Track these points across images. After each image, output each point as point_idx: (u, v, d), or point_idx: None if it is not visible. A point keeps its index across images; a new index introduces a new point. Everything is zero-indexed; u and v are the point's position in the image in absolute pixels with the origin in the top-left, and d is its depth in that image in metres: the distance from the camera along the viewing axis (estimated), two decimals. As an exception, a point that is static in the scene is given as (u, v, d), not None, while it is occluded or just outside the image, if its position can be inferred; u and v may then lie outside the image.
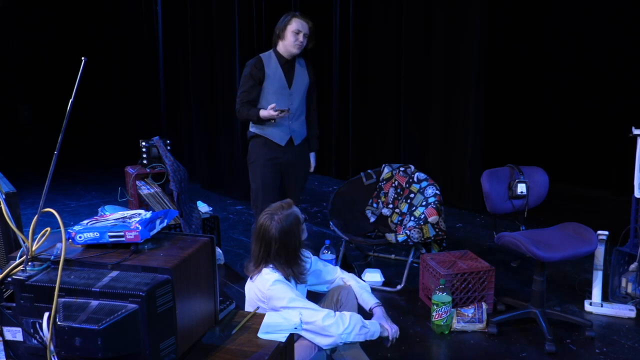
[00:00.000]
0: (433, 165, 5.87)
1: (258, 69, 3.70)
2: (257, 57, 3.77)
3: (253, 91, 3.71)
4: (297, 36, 3.64)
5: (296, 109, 3.77)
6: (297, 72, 3.77)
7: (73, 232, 1.73)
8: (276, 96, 3.69)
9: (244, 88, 3.73)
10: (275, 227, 2.45)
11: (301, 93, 3.79)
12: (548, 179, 3.53)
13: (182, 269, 1.65)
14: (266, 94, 3.71)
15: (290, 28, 3.65)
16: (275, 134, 3.75)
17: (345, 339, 2.38)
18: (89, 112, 9.27)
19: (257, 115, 3.65)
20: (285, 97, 3.72)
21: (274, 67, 3.71)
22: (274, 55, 3.75)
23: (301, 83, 3.79)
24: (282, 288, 2.40)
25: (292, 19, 3.66)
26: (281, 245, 2.46)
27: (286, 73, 3.73)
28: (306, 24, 3.67)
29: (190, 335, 1.75)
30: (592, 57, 5.84)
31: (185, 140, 7.43)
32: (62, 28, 10.46)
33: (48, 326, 1.52)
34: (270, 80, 3.70)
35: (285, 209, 2.52)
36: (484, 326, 3.35)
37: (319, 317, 2.36)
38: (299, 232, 2.51)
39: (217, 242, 4.54)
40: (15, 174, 3.10)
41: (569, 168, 6.03)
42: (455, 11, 5.53)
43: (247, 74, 3.72)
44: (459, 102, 5.64)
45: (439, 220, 3.92)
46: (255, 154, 3.81)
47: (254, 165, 3.81)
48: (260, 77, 3.70)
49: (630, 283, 3.59)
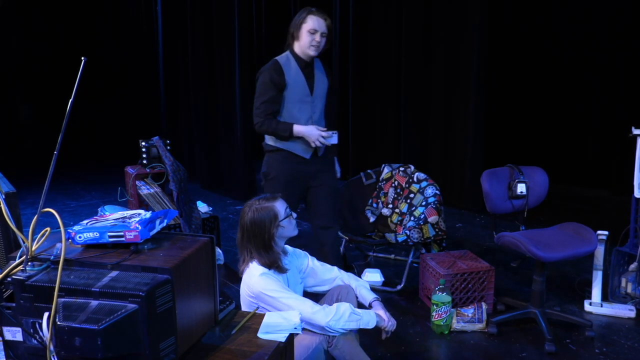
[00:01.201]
0: (433, 165, 5.88)
1: (278, 75, 3.24)
2: (273, 61, 3.30)
3: (275, 101, 3.25)
4: (313, 36, 3.21)
5: (319, 117, 3.38)
6: (317, 75, 3.38)
7: (73, 232, 1.73)
8: (298, 105, 3.29)
9: (265, 97, 3.25)
10: (248, 216, 2.52)
11: (323, 99, 3.41)
12: (548, 179, 3.53)
13: (182, 269, 1.65)
14: (286, 104, 3.28)
15: (305, 27, 3.22)
16: (297, 146, 3.31)
17: (334, 326, 2.38)
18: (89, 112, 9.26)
19: (290, 131, 3.22)
20: (308, 105, 3.32)
21: (294, 72, 3.28)
22: (293, 58, 3.30)
23: (322, 88, 3.40)
24: (267, 280, 2.43)
25: (308, 17, 3.23)
26: (251, 234, 2.51)
27: (307, 78, 3.31)
28: (323, 22, 3.23)
29: (190, 335, 1.75)
30: (592, 57, 5.84)
31: (185, 140, 7.43)
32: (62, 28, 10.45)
33: (48, 326, 1.52)
34: (292, 87, 3.27)
35: (269, 201, 2.56)
36: (483, 326, 3.35)
37: (305, 307, 2.38)
38: (272, 226, 2.51)
39: (217, 242, 4.54)
40: (15, 174, 3.10)
41: (569, 168, 6.03)
42: (455, 11, 5.53)
43: (267, 81, 3.24)
44: (459, 102, 5.64)
45: (439, 220, 3.92)
46: (274, 170, 3.38)
47: (274, 182, 3.36)
48: (281, 83, 3.24)
49: (630, 283, 3.59)
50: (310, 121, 3.32)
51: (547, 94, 6.23)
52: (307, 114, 3.32)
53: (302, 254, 2.77)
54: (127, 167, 4.64)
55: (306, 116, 3.31)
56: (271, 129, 3.28)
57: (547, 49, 6.14)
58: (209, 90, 6.78)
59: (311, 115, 3.33)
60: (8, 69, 10.01)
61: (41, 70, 10.26)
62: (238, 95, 6.16)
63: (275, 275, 2.49)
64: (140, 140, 4.49)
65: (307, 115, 3.32)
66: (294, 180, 3.35)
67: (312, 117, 3.33)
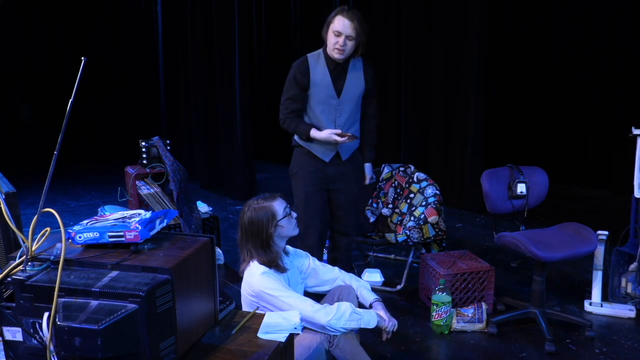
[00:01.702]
0: (433, 165, 5.87)
1: (302, 74, 3.13)
2: (303, 57, 3.19)
3: (298, 99, 3.16)
4: (337, 39, 3.02)
5: (345, 121, 3.20)
6: (350, 77, 3.17)
7: (73, 232, 1.73)
8: (321, 106, 3.16)
9: (288, 94, 3.18)
10: (247, 216, 2.53)
11: (353, 102, 3.20)
12: (548, 179, 3.53)
13: (182, 269, 1.65)
14: (311, 103, 3.17)
15: (331, 27, 3.04)
16: (317, 148, 3.22)
17: (335, 325, 2.38)
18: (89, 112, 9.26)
19: (307, 135, 3.14)
20: (332, 107, 3.16)
21: (321, 72, 3.14)
22: (323, 57, 3.15)
23: (353, 91, 3.19)
24: (268, 279, 2.43)
25: (336, 17, 3.03)
26: (249, 234, 2.52)
27: (335, 80, 3.14)
28: (350, 24, 2.99)
29: (190, 335, 1.75)
30: (593, 57, 5.84)
31: (185, 140, 7.43)
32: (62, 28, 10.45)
33: (48, 326, 1.52)
34: (316, 87, 3.14)
35: (267, 200, 2.56)
36: (483, 326, 3.35)
37: (306, 305, 2.38)
38: (269, 226, 2.51)
39: (217, 242, 4.54)
40: (15, 174, 3.10)
41: (569, 168, 6.03)
42: (455, 11, 5.53)
43: (292, 78, 3.17)
44: (459, 102, 5.64)
45: (439, 220, 3.92)
46: (297, 165, 3.32)
47: (296, 178, 3.32)
48: (304, 83, 3.14)
49: (630, 283, 3.59)
50: (334, 124, 3.17)
51: (547, 94, 6.23)
52: (330, 116, 3.17)
53: (303, 254, 2.78)
54: (127, 167, 4.64)
55: (330, 118, 3.17)
56: (292, 129, 3.22)
57: (547, 49, 6.14)
58: (209, 90, 6.78)
59: (335, 118, 3.17)
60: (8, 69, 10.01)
61: (41, 70, 10.26)
62: (238, 95, 6.16)
63: (276, 275, 2.50)
64: (140, 140, 4.49)
65: (330, 117, 3.17)
66: (314, 178, 3.27)
67: (336, 121, 3.18)
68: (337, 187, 3.31)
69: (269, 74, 8.22)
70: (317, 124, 3.19)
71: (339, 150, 3.23)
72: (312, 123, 3.20)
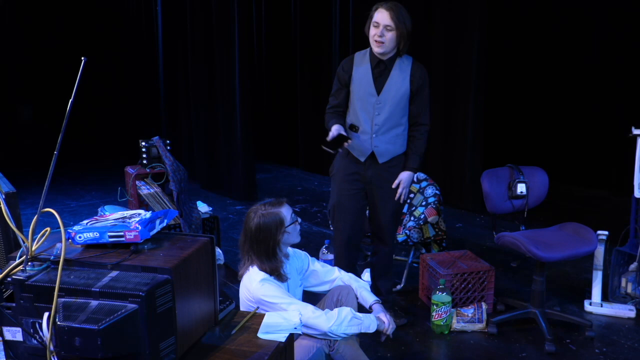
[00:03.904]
0: (433, 165, 5.87)
1: (345, 71, 3.15)
2: (352, 55, 3.21)
3: (339, 95, 3.18)
4: (376, 30, 2.98)
5: (384, 121, 3.11)
6: (393, 76, 3.09)
7: (73, 232, 1.73)
8: (361, 103, 3.12)
9: (333, 90, 3.23)
10: (254, 222, 2.48)
11: (394, 103, 3.10)
12: (548, 179, 3.53)
13: (182, 269, 1.65)
14: (352, 99, 3.16)
15: (372, 20, 3.02)
16: (355, 147, 3.16)
17: (336, 331, 2.37)
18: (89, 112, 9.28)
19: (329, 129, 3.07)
20: (371, 105, 3.11)
21: (363, 69, 3.11)
22: (368, 54, 3.13)
23: (396, 91, 3.10)
24: (268, 286, 2.41)
25: (376, 10, 3.01)
26: (256, 240, 2.48)
27: (376, 77, 3.10)
28: (387, 14, 2.96)
29: (190, 335, 1.75)
30: (593, 56, 5.84)
31: (185, 140, 7.43)
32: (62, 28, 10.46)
33: (48, 326, 1.52)
34: (356, 85, 3.12)
35: (274, 206, 2.52)
36: (483, 326, 3.35)
37: (307, 311, 2.37)
38: (277, 232, 2.48)
39: (217, 242, 4.54)
40: (15, 174, 3.10)
41: (569, 168, 6.04)
42: (455, 11, 5.53)
43: (336, 74, 3.21)
44: (459, 101, 5.64)
45: (439, 220, 3.92)
46: (336, 167, 3.28)
47: (334, 179, 3.29)
48: (345, 79, 3.15)
49: (630, 283, 3.59)
50: (371, 123, 3.11)
51: (547, 93, 6.23)
52: (369, 114, 3.11)
53: (302, 255, 2.76)
54: (127, 167, 4.64)
55: (368, 116, 3.12)
56: (325, 123, 3.18)
57: (547, 49, 6.15)
58: (209, 90, 6.78)
59: (373, 117, 3.11)
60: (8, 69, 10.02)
61: (41, 70, 10.27)
62: (238, 95, 6.16)
63: (275, 281, 2.48)
64: (140, 140, 4.49)
65: (369, 115, 3.12)
66: (350, 181, 3.21)
67: (374, 119, 3.11)
68: (374, 191, 3.23)
69: (269, 73, 8.22)
70: (356, 122, 3.15)
71: (375, 151, 3.15)
72: (351, 121, 3.17)
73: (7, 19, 10.13)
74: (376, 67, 3.10)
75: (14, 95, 10.29)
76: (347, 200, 3.23)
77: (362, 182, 3.22)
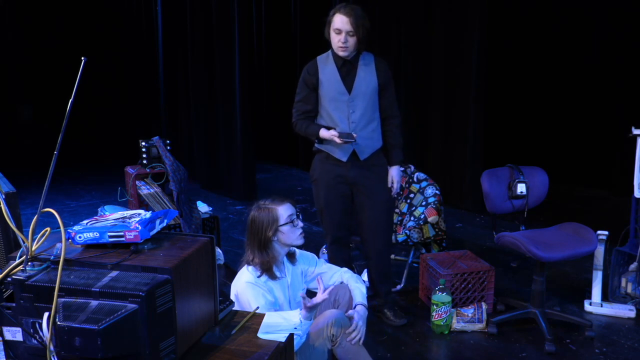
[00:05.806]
0: (433, 165, 5.87)
1: (311, 74, 3.18)
2: (314, 59, 3.24)
3: (309, 101, 3.20)
4: (338, 36, 3.04)
5: (359, 117, 3.16)
6: (360, 73, 3.16)
7: (73, 232, 1.73)
8: (334, 104, 3.14)
9: (299, 97, 3.24)
10: (251, 213, 2.55)
11: (366, 98, 3.16)
12: (548, 179, 3.53)
13: (182, 269, 1.65)
14: (322, 102, 3.18)
15: (332, 26, 3.08)
16: (334, 148, 3.18)
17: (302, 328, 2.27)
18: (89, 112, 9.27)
19: (316, 135, 3.14)
20: (344, 104, 3.14)
21: (329, 70, 3.16)
22: (331, 56, 3.18)
23: (366, 86, 3.16)
24: (249, 291, 2.44)
25: (334, 15, 3.07)
26: (250, 231, 2.54)
27: (345, 76, 3.15)
28: (346, 19, 3.00)
29: (190, 335, 1.75)
30: (593, 56, 5.84)
31: (185, 140, 7.43)
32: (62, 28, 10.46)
33: (48, 326, 1.52)
34: (325, 86, 3.16)
35: (274, 203, 2.54)
36: (483, 326, 3.35)
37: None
38: (268, 229, 2.49)
39: (217, 242, 4.54)
40: (15, 174, 3.10)
41: (569, 168, 6.04)
42: (455, 10, 5.53)
43: (301, 80, 3.22)
44: (459, 101, 5.64)
45: (439, 220, 3.92)
46: (317, 172, 3.29)
47: (317, 185, 3.31)
48: (313, 83, 3.17)
49: (630, 283, 3.59)
50: (348, 121, 3.14)
51: (548, 93, 6.24)
52: (344, 113, 3.14)
53: (309, 257, 2.74)
54: (127, 167, 4.64)
55: (343, 116, 3.14)
56: (302, 131, 3.22)
57: (547, 49, 6.15)
58: (209, 90, 6.78)
59: (348, 115, 3.14)
60: (8, 69, 10.02)
61: (41, 70, 10.27)
62: (238, 95, 6.16)
63: (262, 287, 2.46)
64: (140, 140, 4.49)
65: (344, 114, 3.14)
66: (334, 184, 3.23)
67: (350, 117, 3.14)
68: (360, 190, 3.25)
69: (269, 74, 8.22)
70: (331, 123, 3.16)
71: (355, 148, 3.17)
72: (326, 123, 3.18)
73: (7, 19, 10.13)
74: (342, 66, 3.15)
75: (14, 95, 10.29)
76: (332, 203, 3.27)
77: (347, 184, 3.24)
